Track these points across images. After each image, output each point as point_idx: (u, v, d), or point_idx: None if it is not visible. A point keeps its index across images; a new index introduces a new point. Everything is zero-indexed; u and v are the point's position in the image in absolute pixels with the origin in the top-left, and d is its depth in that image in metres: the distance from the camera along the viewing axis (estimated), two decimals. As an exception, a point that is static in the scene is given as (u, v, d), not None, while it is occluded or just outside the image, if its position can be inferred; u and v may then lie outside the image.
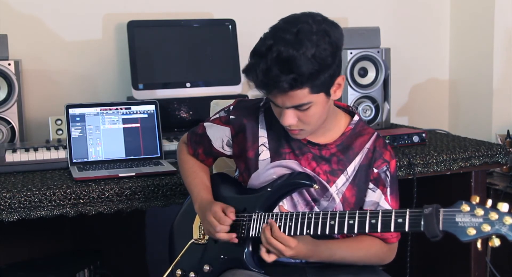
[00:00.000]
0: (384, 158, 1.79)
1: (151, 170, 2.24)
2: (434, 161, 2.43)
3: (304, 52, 1.55)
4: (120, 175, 2.19)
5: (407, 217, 1.51)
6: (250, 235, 1.73)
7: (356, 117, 1.82)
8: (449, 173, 2.47)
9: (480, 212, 1.39)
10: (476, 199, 1.42)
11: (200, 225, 1.88)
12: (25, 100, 2.60)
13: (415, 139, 2.60)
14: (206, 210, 1.77)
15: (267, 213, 1.73)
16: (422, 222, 1.47)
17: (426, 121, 3.32)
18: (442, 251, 2.71)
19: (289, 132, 1.74)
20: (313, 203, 1.78)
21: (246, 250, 1.75)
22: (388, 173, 1.79)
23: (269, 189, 1.77)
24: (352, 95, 2.86)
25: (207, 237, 1.84)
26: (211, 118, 1.95)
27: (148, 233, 2.95)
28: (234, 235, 1.72)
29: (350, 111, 1.85)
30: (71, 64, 2.84)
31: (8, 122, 2.50)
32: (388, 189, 1.80)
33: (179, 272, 1.88)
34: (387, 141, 2.49)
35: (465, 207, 1.41)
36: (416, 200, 2.41)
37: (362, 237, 1.79)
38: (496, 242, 1.38)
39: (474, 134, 2.84)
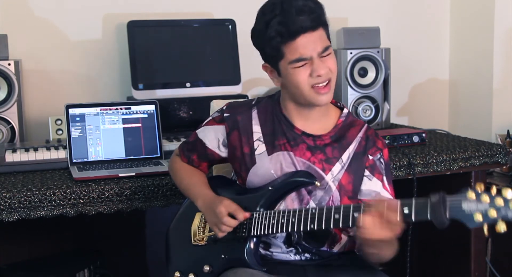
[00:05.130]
0: (377, 146, 1.84)
1: (151, 170, 2.24)
2: (434, 161, 2.43)
3: (311, 1, 1.72)
4: (120, 175, 2.19)
5: (413, 206, 1.53)
6: (252, 234, 1.74)
7: (345, 110, 1.88)
8: (449, 173, 2.47)
9: (486, 198, 1.42)
10: (481, 186, 1.44)
11: (199, 226, 1.88)
12: (25, 100, 2.60)
13: (415, 139, 2.60)
14: (215, 203, 1.76)
15: (268, 211, 1.74)
16: (428, 211, 1.49)
17: (426, 121, 3.31)
18: (442, 251, 2.71)
19: (319, 96, 1.75)
20: (307, 197, 1.79)
21: (247, 248, 1.75)
22: (382, 160, 1.84)
23: (270, 188, 1.78)
24: (352, 95, 2.86)
25: (206, 238, 1.84)
26: (203, 124, 1.97)
27: (148, 233, 2.95)
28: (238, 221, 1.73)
29: (339, 107, 1.91)
30: (71, 64, 2.84)
31: (8, 122, 2.50)
32: (385, 177, 1.83)
33: (177, 274, 1.87)
34: (387, 141, 2.51)
35: (471, 194, 1.43)
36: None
37: None
38: (502, 227, 1.40)
39: (474, 135, 2.84)
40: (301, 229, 1.67)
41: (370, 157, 1.82)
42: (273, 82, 1.84)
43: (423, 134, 2.63)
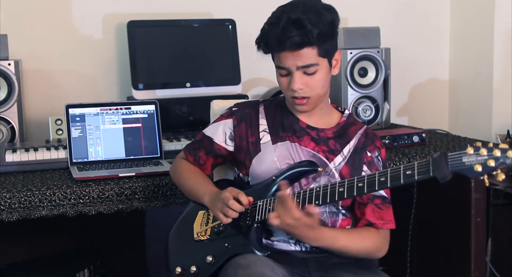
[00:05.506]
0: (376, 144, 1.92)
1: (151, 170, 2.24)
2: (434, 161, 2.43)
3: (311, 17, 1.74)
4: (120, 175, 2.19)
5: (416, 167, 1.59)
6: (256, 220, 1.77)
7: (347, 112, 1.96)
8: (449, 173, 2.47)
9: (484, 151, 1.51)
10: (478, 143, 1.53)
11: (201, 223, 1.88)
12: (25, 100, 2.60)
13: (415, 139, 2.60)
14: (220, 193, 1.80)
15: (273, 197, 1.77)
16: (431, 167, 1.56)
17: (426, 121, 3.31)
18: (442, 251, 2.71)
19: (296, 106, 1.85)
20: (308, 185, 1.83)
21: (251, 234, 1.77)
22: (379, 158, 1.91)
23: (274, 178, 1.82)
24: (352, 95, 2.86)
25: (209, 231, 1.85)
26: (211, 123, 2.03)
27: (148, 233, 2.95)
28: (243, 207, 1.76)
29: (340, 110, 1.99)
30: (71, 64, 2.84)
31: (8, 122, 2.50)
32: None
33: (178, 269, 1.87)
34: (387, 141, 2.52)
35: (470, 149, 1.53)
36: (416, 200, 2.41)
37: (359, 228, 1.87)
38: (501, 177, 1.50)
39: (474, 134, 2.85)
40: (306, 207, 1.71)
41: (369, 154, 1.90)
42: None
43: (423, 134, 2.63)
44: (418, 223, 2.54)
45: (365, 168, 1.88)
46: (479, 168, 1.50)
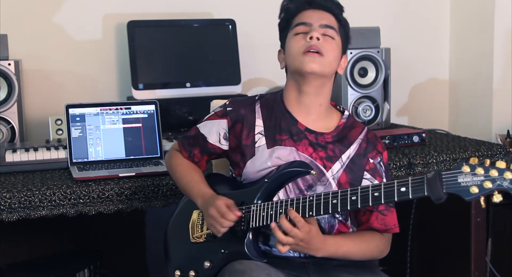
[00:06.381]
0: (378, 149, 1.88)
1: (151, 169, 2.24)
2: (434, 161, 2.43)
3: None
4: (120, 175, 2.19)
5: (410, 184, 1.55)
6: (251, 226, 1.75)
7: (346, 113, 1.91)
8: (449, 173, 2.47)
9: (480, 171, 1.44)
10: (475, 160, 1.46)
11: (196, 224, 1.88)
12: (25, 100, 2.60)
13: (415, 139, 2.60)
14: (209, 204, 1.78)
15: (266, 202, 1.75)
16: (425, 187, 1.51)
17: (426, 121, 3.31)
18: (442, 251, 2.71)
19: (306, 59, 1.78)
20: (305, 192, 1.81)
21: (247, 241, 1.76)
22: (382, 163, 1.87)
23: (266, 180, 1.79)
24: (352, 95, 2.86)
25: (205, 234, 1.84)
26: (204, 118, 1.98)
27: (148, 233, 2.95)
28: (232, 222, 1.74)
29: (340, 110, 1.94)
30: (71, 64, 2.84)
31: (8, 122, 2.50)
32: (384, 180, 1.86)
33: (177, 273, 1.87)
34: (387, 141, 2.51)
35: (466, 168, 1.46)
36: (416, 200, 2.41)
37: (362, 231, 1.86)
38: (498, 198, 1.43)
39: (474, 134, 2.85)
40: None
41: (371, 160, 1.86)
42: (280, 66, 1.90)
43: (423, 134, 2.63)
44: (418, 223, 2.54)
45: (368, 175, 1.84)
46: (475, 190, 1.44)
